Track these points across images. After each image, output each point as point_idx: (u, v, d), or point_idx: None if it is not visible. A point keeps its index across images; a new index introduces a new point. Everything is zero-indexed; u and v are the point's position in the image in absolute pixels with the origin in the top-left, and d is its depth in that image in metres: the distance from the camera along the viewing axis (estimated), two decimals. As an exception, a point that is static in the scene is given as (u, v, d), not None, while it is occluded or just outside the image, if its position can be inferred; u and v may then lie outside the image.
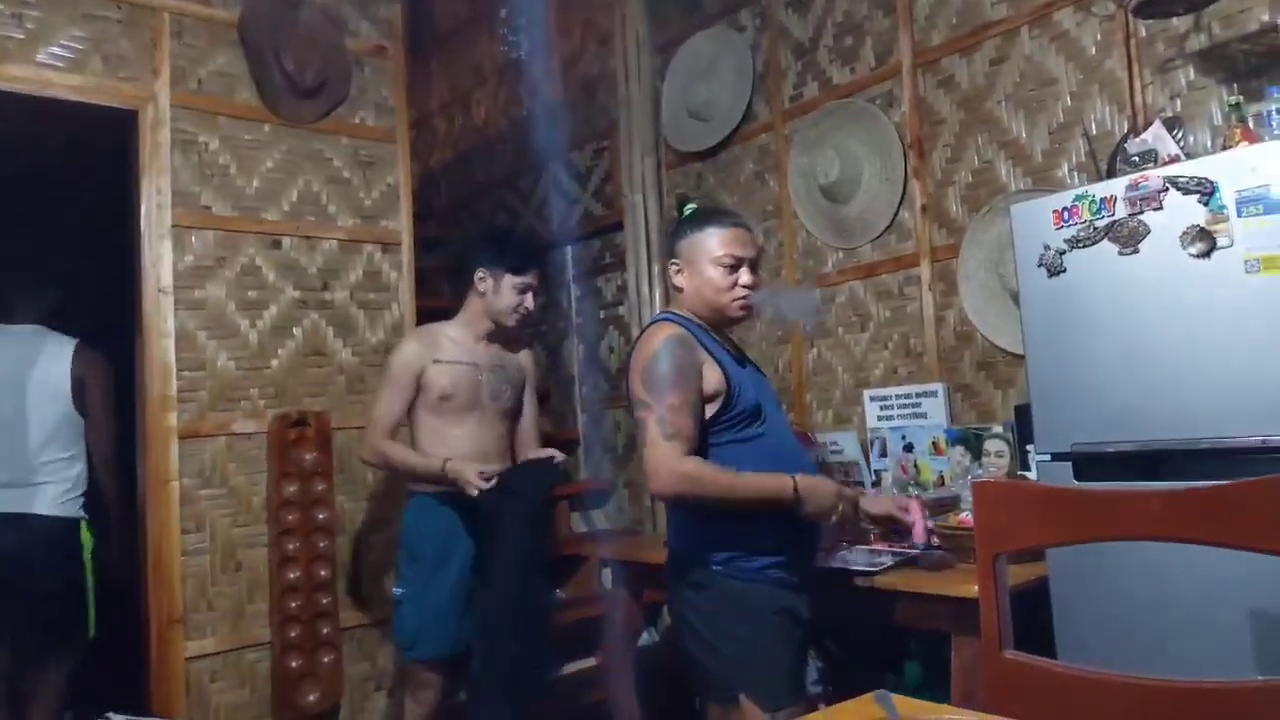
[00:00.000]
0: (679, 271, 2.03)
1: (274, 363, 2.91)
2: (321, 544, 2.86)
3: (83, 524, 2.69)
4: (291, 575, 2.79)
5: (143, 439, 2.71)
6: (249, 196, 2.92)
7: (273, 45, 2.94)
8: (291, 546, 2.81)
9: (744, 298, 1.97)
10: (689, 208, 2.17)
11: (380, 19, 3.28)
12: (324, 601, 2.84)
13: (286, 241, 2.98)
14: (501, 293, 2.51)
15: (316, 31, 3.05)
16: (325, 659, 2.83)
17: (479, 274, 2.53)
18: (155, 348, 2.70)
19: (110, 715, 2.36)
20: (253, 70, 2.95)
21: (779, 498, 1.83)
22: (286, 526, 2.81)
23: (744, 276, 1.97)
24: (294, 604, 2.79)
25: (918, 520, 2.14)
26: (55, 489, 2.65)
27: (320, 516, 2.87)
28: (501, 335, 2.59)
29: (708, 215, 2.06)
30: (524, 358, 2.67)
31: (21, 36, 2.58)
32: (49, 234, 4.24)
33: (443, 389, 2.45)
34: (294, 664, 2.77)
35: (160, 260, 2.73)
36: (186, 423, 2.73)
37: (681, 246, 2.02)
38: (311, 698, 2.79)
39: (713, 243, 1.97)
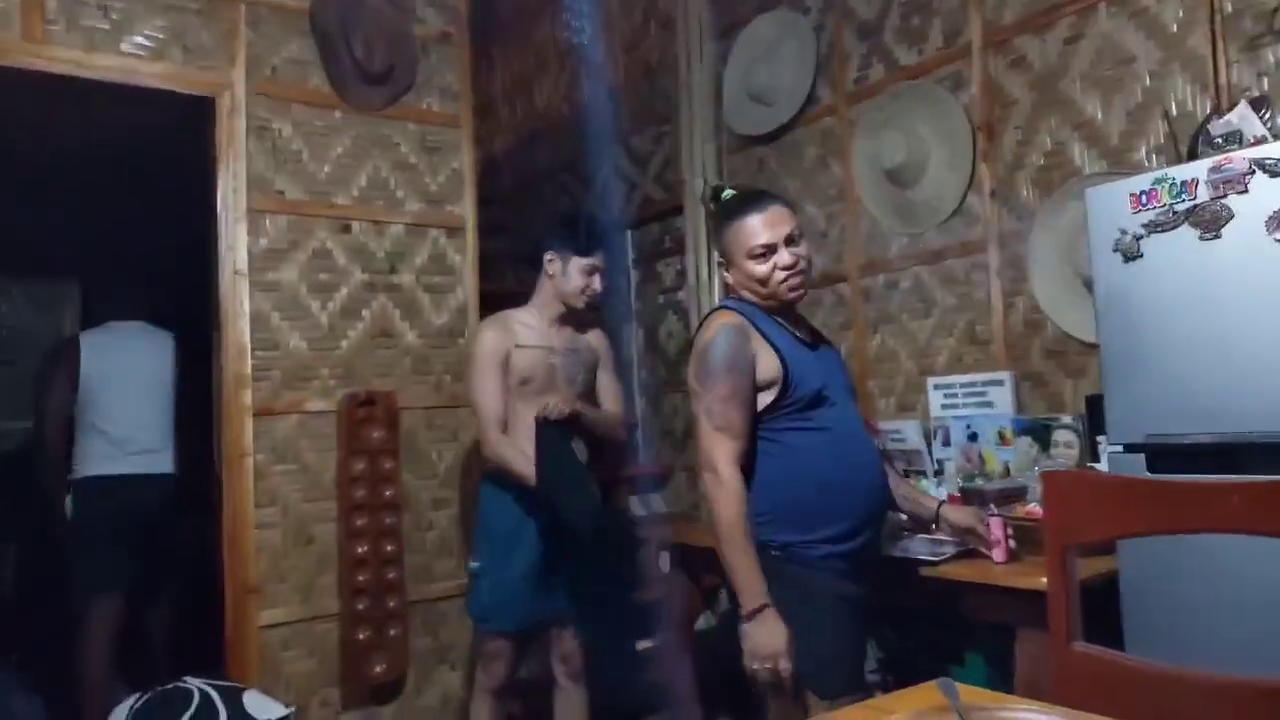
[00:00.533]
0: (724, 268, 2.06)
1: (343, 344, 2.98)
2: (388, 520, 2.94)
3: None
4: (360, 549, 2.87)
5: (220, 416, 2.80)
6: (320, 181, 2.99)
7: (342, 33, 3.00)
8: (360, 522, 2.89)
9: (786, 280, 1.94)
10: (726, 194, 2.16)
11: (445, 5, 3.32)
12: (390, 576, 2.92)
13: (356, 226, 3.04)
14: (569, 275, 2.54)
15: (384, 18, 3.10)
16: (391, 631, 2.91)
17: (548, 257, 2.56)
18: (232, 328, 2.79)
19: (187, 679, 2.47)
20: (323, 57, 3.01)
21: (741, 603, 1.83)
22: (355, 502, 2.89)
23: (783, 258, 1.93)
24: (362, 577, 2.87)
25: (999, 537, 2.12)
26: (172, 455, 3.34)
27: (387, 493, 2.94)
28: (573, 318, 2.62)
29: (737, 205, 2.04)
30: (594, 338, 2.70)
31: (107, 27, 2.68)
32: (135, 219, 4.43)
33: (522, 373, 2.51)
34: (361, 635, 2.85)
35: (237, 243, 2.82)
36: (261, 400, 2.82)
37: (722, 243, 2.04)
38: (378, 669, 2.87)
39: (743, 236, 1.95)
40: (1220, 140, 1.96)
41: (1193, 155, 2.10)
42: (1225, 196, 1.77)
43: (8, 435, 4.78)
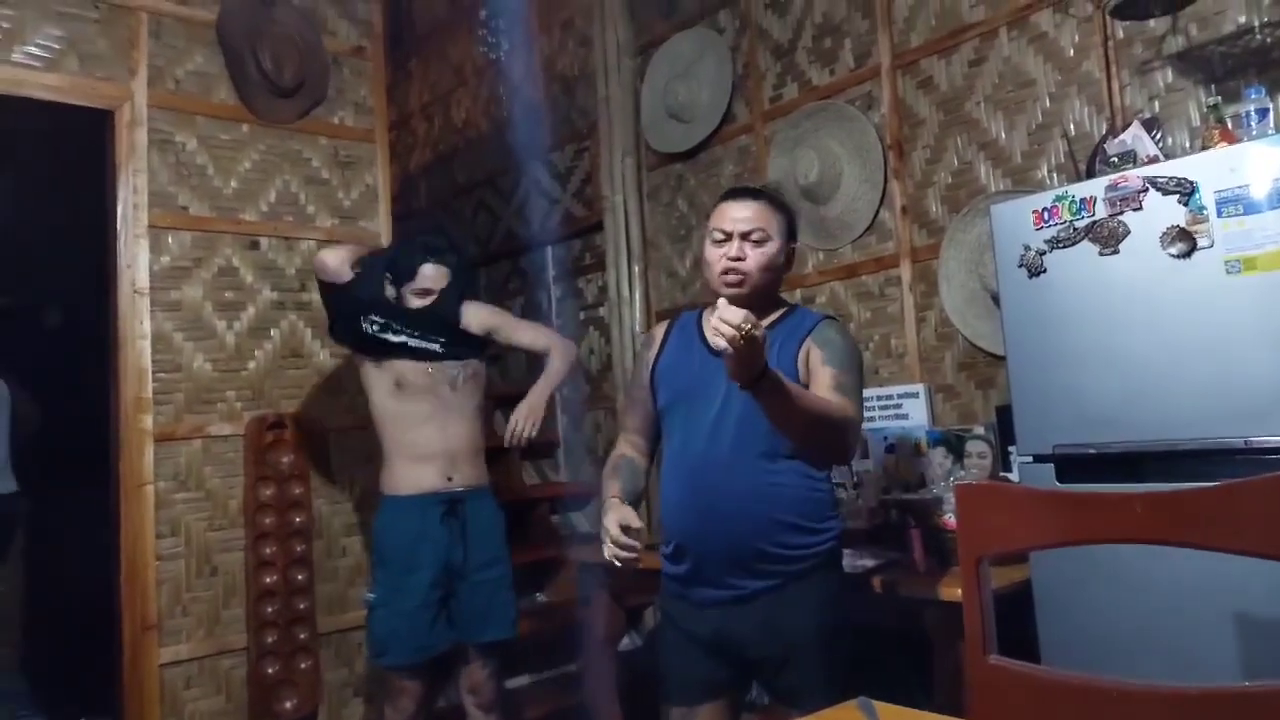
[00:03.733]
0: None
1: (251, 364, 2.87)
2: (299, 548, 2.83)
3: None
4: (268, 580, 2.76)
5: (117, 442, 2.66)
6: (227, 197, 2.88)
7: (250, 45, 2.91)
8: (268, 550, 2.77)
9: (725, 272, 1.82)
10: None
11: (359, 19, 3.26)
12: (301, 606, 2.81)
13: (265, 242, 2.94)
14: (409, 303, 2.52)
15: (294, 31, 3.02)
16: (302, 665, 2.79)
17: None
18: (130, 350, 2.66)
19: (83, 721, 2.33)
20: (230, 70, 2.91)
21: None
22: (263, 530, 2.77)
23: (731, 249, 1.82)
24: (270, 609, 2.75)
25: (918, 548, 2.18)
26: None
27: (297, 520, 2.84)
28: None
29: (728, 191, 1.97)
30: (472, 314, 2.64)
31: (-4, 35, 2.54)
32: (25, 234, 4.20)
33: (399, 378, 2.48)
34: (270, 670, 2.73)
35: (136, 261, 2.69)
36: (162, 425, 2.69)
37: None
38: (289, 704, 2.75)
39: (712, 219, 1.88)
40: (1116, 160, 2.04)
41: (1090, 174, 2.18)
42: (1122, 213, 1.84)
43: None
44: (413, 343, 2.46)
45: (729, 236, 1.83)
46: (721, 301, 1.49)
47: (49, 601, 4.00)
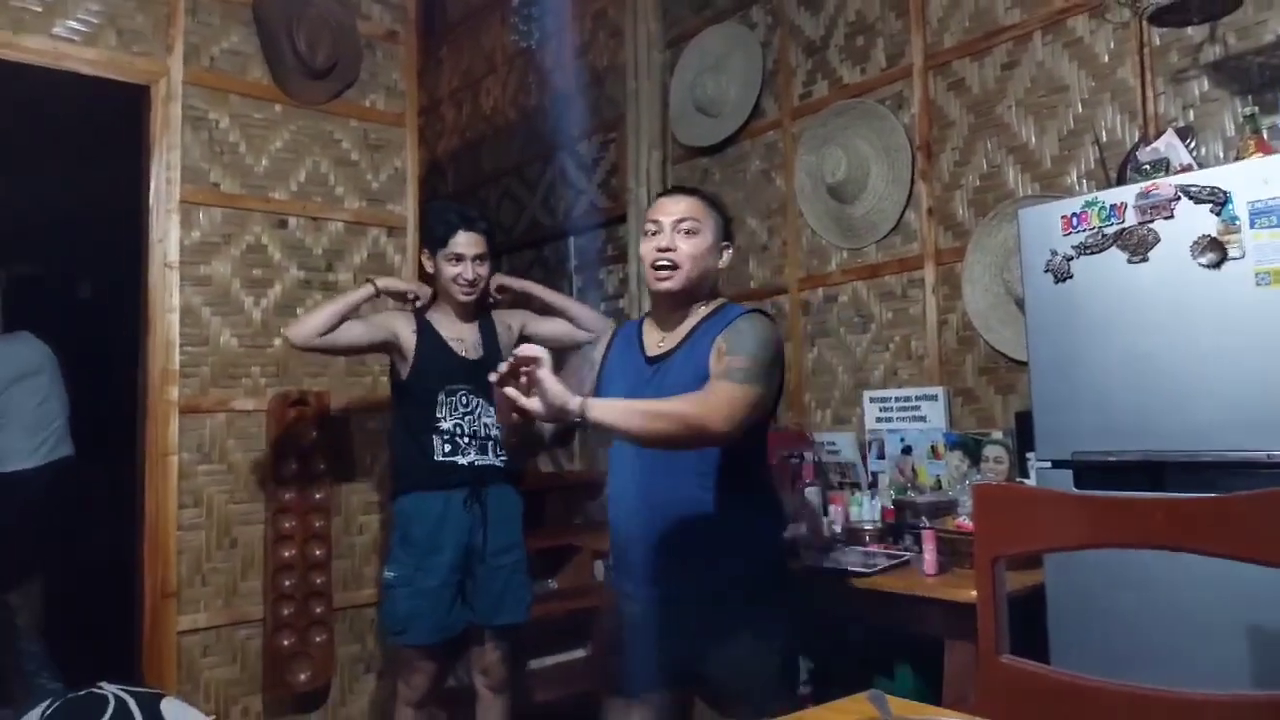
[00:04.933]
0: None
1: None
2: (317, 523, 2.86)
3: None
4: (286, 553, 2.79)
5: (144, 412, 2.70)
6: (257, 175, 2.91)
7: (286, 25, 2.93)
8: (287, 525, 2.81)
9: (655, 263, 1.78)
10: None
11: (393, 4, 3.27)
12: (318, 581, 2.84)
13: (293, 221, 2.97)
14: (441, 270, 2.50)
15: (329, 13, 3.04)
16: (317, 638, 2.83)
17: (424, 257, 2.55)
18: (159, 322, 2.69)
19: (102, 684, 2.37)
20: (265, 49, 2.94)
21: None
22: (283, 505, 2.81)
23: (661, 240, 1.78)
24: (288, 582, 2.78)
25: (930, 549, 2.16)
26: None
27: (317, 496, 2.87)
28: (474, 311, 2.57)
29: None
30: (511, 319, 2.64)
31: (39, 9, 2.57)
32: (60, 207, 4.30)
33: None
34: (286, 642, 2.77)
35: (167, 236, 2.72)
36: (188, 398, 2.72)
37: None
38: (302, 676, 2.79)
39: (646, 217, 1.86)
40: (1148, 167, 2.03)
41: (1121, 181, 2.17)
42: (1152, 221, 1.83)
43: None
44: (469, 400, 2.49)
45: (659, 227, 1.80)
46: (520, 349, 1.48)
47: (71, 566, 4.08)
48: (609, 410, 1.53)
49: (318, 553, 2.85)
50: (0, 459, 3.45)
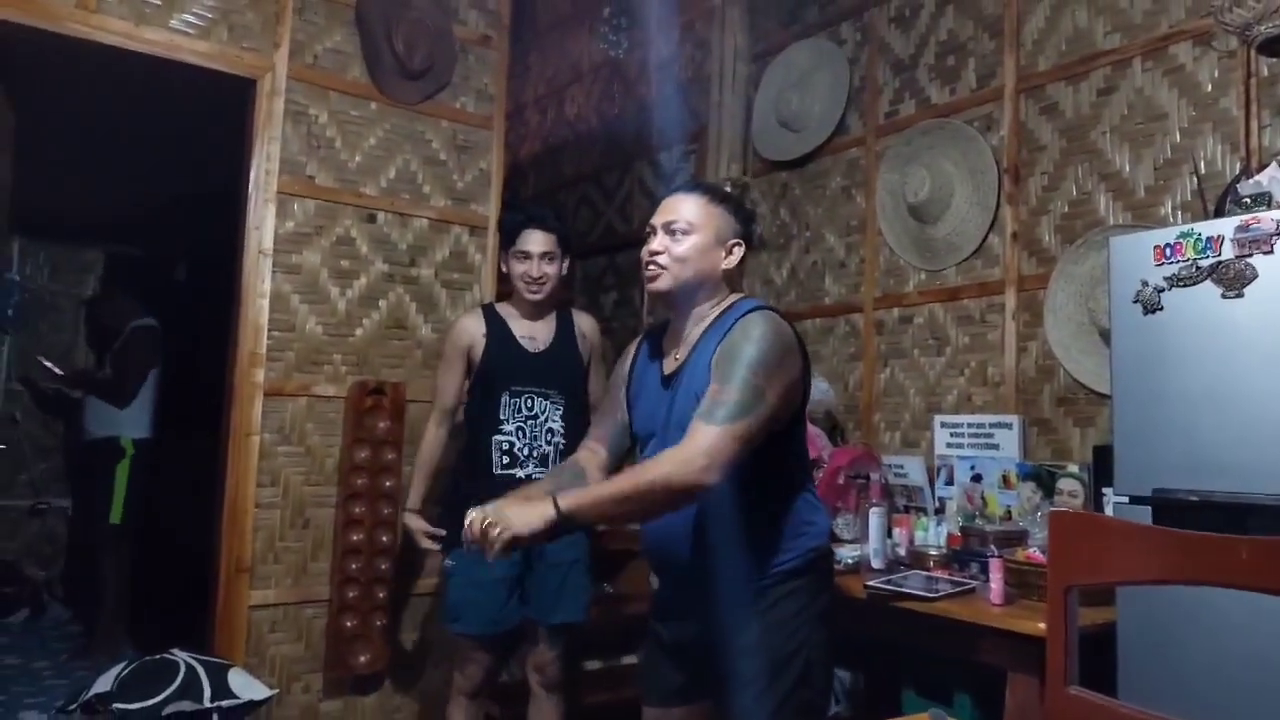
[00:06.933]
0: None
1: (358, 331, 2.99)
2: (385, 511, 2.94)
3: None
4: (355, 538, 2.87)
5: (230, 392, 2.81)
6: (350, 170, 3.02)
7: (385, 27, 3.04)
8: (357, 510, 2.89)
9: (647, 265, 1.76)
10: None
11: (488, 9, 3.36)
12: (383, 567, 2.91)
13: (381, 216, 3.07)
14: (511, 268, 2.56)
15: (427, 17, 3.13)
16: (378, 622, 2.90)
17: (502, 258, 2.63)
18: (251, 307, 2.80)
19: (174, 650, 2.47)
20: (365, 49, 3.04)
21: None
22: (355, 490, 2.89)
23: (652, 243, 1.75)
24: (354, 566, 2.86)
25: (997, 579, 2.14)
26: None
27: (387, 484, 2.94)
28: (546, 309, 2.62)
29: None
30: (585, 324, 2.70)
31: (159, 3, 2.71)
32: (166, 193, 4.54)
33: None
34: (349, 624, 2.84)
35: (264, 224, 2.84)
36: (272, 381, 2.83)
37: None
38: (362, 659, 2.86)
39: None
40: (1248, 200, 1.97)
41: (1220, 213, 2.11)
42: (1251, 256, 1.78)
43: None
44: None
45: (652, 231, 1.77)
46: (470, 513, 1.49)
47: (155, 537, 4.27)
48: (581, 501, 1.54)
49: (384, 539, 2.92)
50: (133, 428, 4.11)
